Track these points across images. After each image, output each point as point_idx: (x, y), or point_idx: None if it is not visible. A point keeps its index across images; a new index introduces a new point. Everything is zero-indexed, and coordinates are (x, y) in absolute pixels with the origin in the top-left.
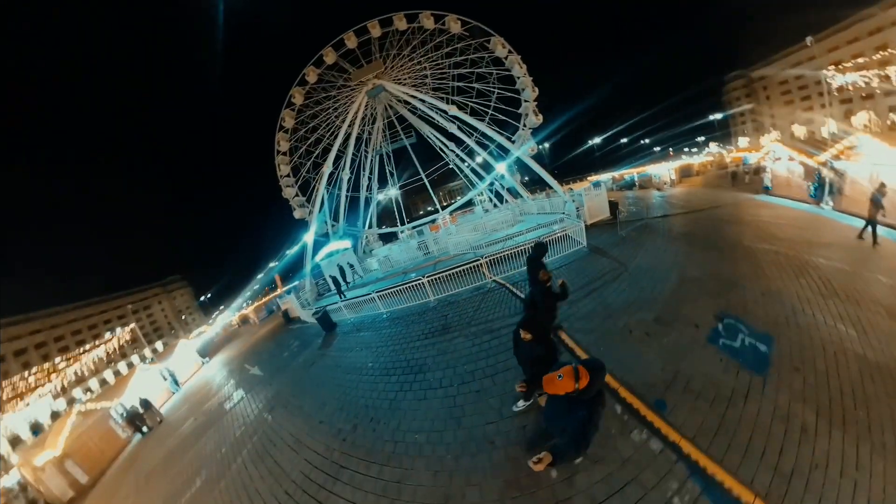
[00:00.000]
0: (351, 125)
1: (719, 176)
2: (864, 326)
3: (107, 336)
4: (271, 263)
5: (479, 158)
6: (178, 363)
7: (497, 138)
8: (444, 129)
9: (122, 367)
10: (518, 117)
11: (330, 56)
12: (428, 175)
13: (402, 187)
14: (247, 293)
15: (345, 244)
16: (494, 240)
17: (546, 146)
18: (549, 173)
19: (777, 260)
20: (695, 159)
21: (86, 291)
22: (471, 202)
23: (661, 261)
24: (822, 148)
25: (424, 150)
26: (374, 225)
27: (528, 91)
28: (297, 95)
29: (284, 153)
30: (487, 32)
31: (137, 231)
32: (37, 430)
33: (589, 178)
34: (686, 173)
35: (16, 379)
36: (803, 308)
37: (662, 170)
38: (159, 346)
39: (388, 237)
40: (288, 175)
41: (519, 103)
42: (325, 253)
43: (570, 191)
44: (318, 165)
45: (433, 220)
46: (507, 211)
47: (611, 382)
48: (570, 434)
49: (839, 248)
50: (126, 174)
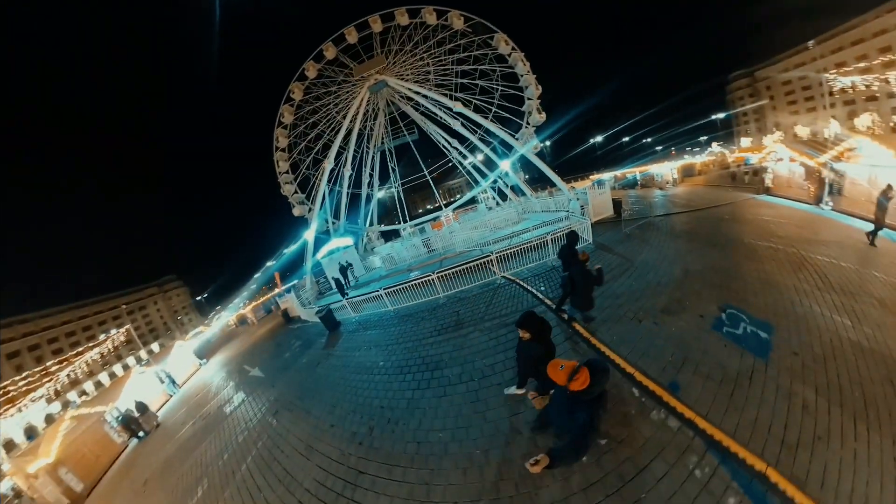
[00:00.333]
0: (353, 121)
1: (721, 176)
2: (859, 317)
3: (101, 337)
4: (269, 262)
5: (481, 156)
6: (175, 365)
7: (501, 135)
8: (447, 125)
9: (118, 369)
10: (521, 115)
11: (330, 51)
12: (430, 172)
13: (403, 184)
14: (244, 293)
15: (346, 241)
16: (501, 237)
17: (547, 144)
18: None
19: (776, 256)
20: (697, 159)
21: (79, 292)
22: (474, 200)
23: (665, 257)
24: (823, 149)
25: (425, 148)
26: (374, 222)
27: (532, 89)
28: (296, 91)
29: (283, 149)
30: (490, 29)
31: (132, 230)
32: (31, 434)
33: (591, 177)
34: (688, 173)
35: (8, 382)
36: (801, 300)
37: (664, 169)
38: (155, 347)
39: (390, 235)
40: (287, 172)
41: (522, 101)
42: (327, 251)
43: (573, 189)
44: (317, 162)
45: (436, 218)
46: (511, 209)
47: (626, 368)
48: (569, 437)
49: (837, 245)
50: (121, 171)
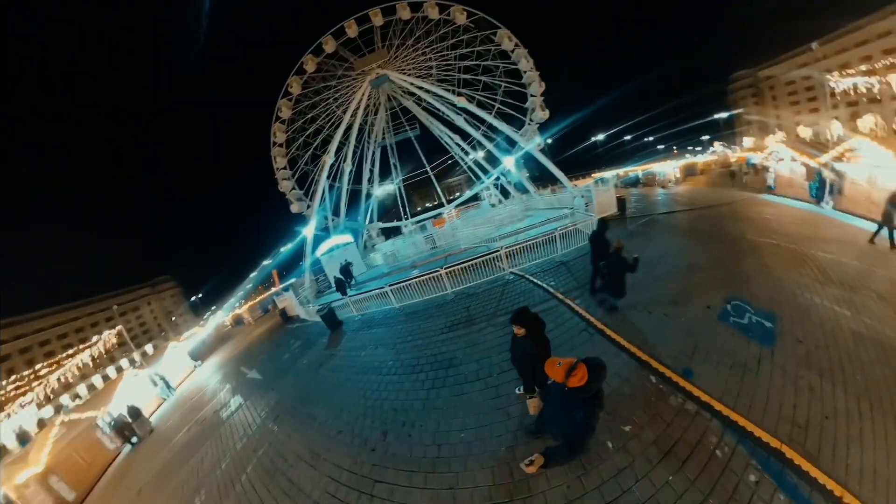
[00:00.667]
0: (353, 115)
1: (722, 175)
2: (858, 308)
3: (93, 339)
4: (265, 261)
5: (483, 153)
6: (169, 367)
7: (506, 131)
8: (449, 121)
9: (111, 371)
10: (524, 112)
11: (329, 45)
12: (432, 169)
13: (404, 181)
14: (240, 292)
15: (346, 239)
16: (507, 233)
17: (548, 142)
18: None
19: (778, 252)
20: (699, 158)
21: (70, 293)
22: (476, 197)
23: (669, 252)
24: (824, 150)
25: (426, 144)
26: (374, 219)
27: (535, 86)
28: (294, 85)
29: (281, 145)
30: (494, 25)
31: (124, 229)
32: (24, 440)
33: (593, 175)
34: (690, 172)
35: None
36: (802, 292)
37: (667, 168)
38: (149, 349)
39: (390, 232)
40: (284, 168)
41: (525, 98)
42: (326, 248)
43: (575, 187)
44: (316, 157)
45: (439, 214)
46: (515, 206)
47: (641, 356)
48: (565, 437)
49: (836, 243)
50: (112, 169)
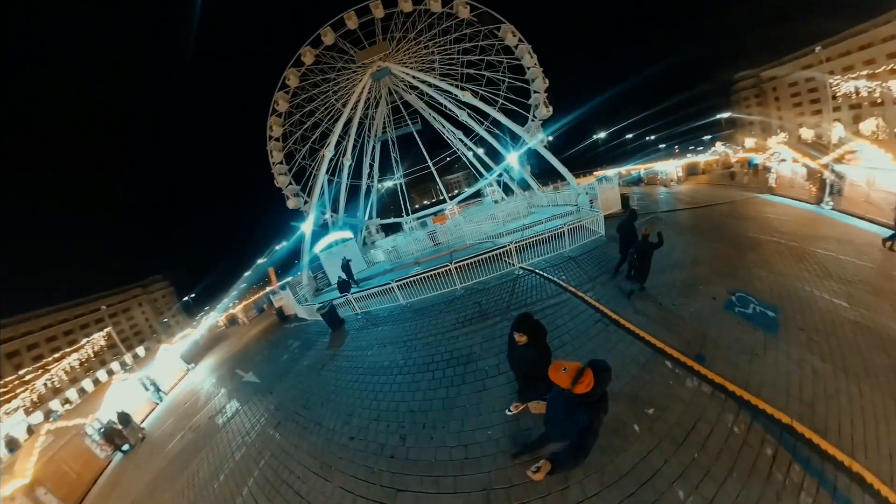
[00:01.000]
0: (353, 109)
1: (723, 175)
2: (856, 300)
3: (83, 342)
4: (260, 259)
5: (487, 148)
6: (160, 370)
7: (512, 126)
8: (452, 116)
9: (102, 374)
10: (527, 108)
11: (328, 36)
12: (434, 164)
13: (404, 176)
14: (234, 291)
15: (346, 235)
16: (512, 229)
17: (549, 139)
18: (553, 168)
19: (779, 249)
20: (700, 158)
21: (60, 294)
22: (478, 193)
23: (674, 248)
24: (825, 151)
25: (426, 139)
26: (374, 216)
27: (539, 82)
28: (291, 77)
29: (277, 139)
30: (497, 19)
31: (114, 228)
32: (13, 447)
33: (595, 173)
34: (692, 171)
35: None
36: (803, 286)
37: (669, 167)
38: (140, 351)
39: (390, 229)
40: (281, 162)
41: (528, 94)
42: (325, 244)
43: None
44: (314, 151)
45: (441, 211)
46: (520, 202)
47: (656, 343)
48: (569, 442)
49: (836, 241)
50: (101, 166)
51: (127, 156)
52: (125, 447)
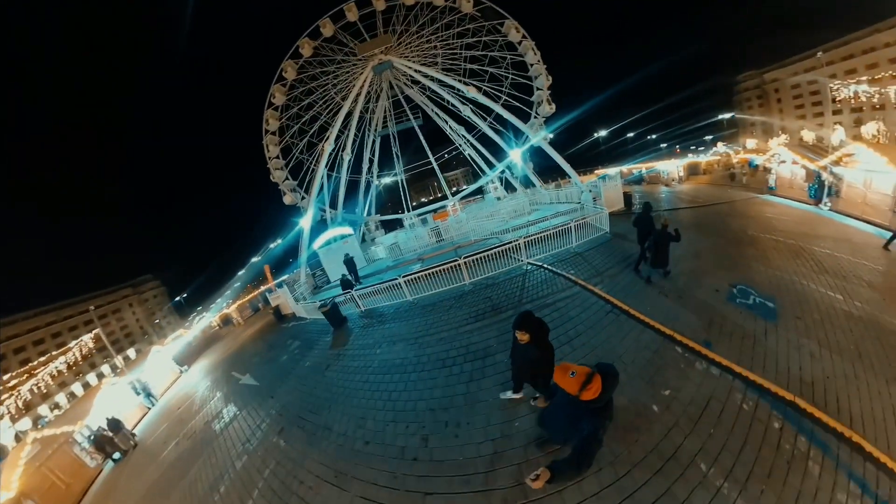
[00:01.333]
0: (354, 102)
1: (724, 175)
2: (850, 293)
3: (70, 344)
4: (254, 258)
5: (490, 144)
6: (152, 373)
7: (516, 123)
8: (454, 111)
9: (92, 378)
10: (530, 105)
11: (328, 28)
12: (436, 160)
13: (405, 172)
14: (227, 291)
15: (345, 231)
16: (517, 225)
17: (550, 136)
18: (555, 165)
19: (777, 246)
20: (701, 158)
21: (48, 296)
22: (480, 189)
23: (678, 245)
24: (824, 154)
25: (427, 134)
26: (373, 212)
27: (542, 79)
28: (289, 69)
29: (274, 132)
30: (501, 15)
31: (104, 227)
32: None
33: (596, 172)
34: (693, 171)
35: None
36: (799, 280)
37: (671, 166)
38: (132, 353)
39: (390, 225)
40: (277, 157)
41: (531, 91)
42: (324, 240)
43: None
44: (312, 146)
45: (443, 207)
46: (520, 199)
47: (665, 331)
48: (572, 449)
49: (832, 240)
50: (90, 163)
51: (116, 152)
52: (116, 455)
